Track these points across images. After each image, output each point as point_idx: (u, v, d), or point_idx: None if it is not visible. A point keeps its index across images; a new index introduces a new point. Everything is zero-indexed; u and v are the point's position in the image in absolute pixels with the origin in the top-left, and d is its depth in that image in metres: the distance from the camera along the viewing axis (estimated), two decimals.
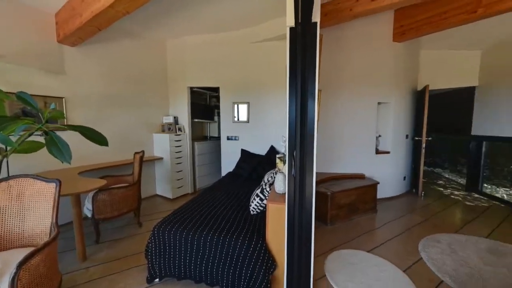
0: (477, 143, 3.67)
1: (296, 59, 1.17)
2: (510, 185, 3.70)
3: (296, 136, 1.20)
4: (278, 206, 1.43)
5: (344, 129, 3.26)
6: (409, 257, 1.92)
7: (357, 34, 3.11)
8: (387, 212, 2.92)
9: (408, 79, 3.50)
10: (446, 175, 5.03)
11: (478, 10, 2.28)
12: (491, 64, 3.35)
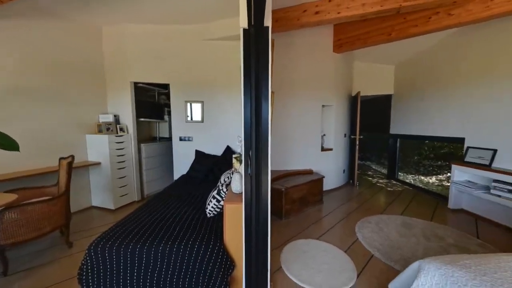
0: (393, 140, 4.56)
1: (250, 61, 1.20)
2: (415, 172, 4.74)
3: (252, 136, 1.23)
4: (235, 206, 1.43)
5: (295, 129, 3.53)
6: (348, 238, 2.23)
7: (304, 42, 3.41)
8: (331, 202, 3.31)
9: (345, 86, 4.06)
10: (374, 167, 6.09)
11: (392, 33, 2.85)
12: (401, 77, 4.22)
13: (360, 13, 2.39)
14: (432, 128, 3.48)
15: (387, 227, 2.43)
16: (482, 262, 1.00)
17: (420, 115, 3.70)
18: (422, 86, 3.65)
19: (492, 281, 0.88)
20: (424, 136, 3.69)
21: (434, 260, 1.07)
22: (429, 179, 4.52)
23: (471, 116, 2.84)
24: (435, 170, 4.52)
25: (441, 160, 4.43)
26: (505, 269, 0.94)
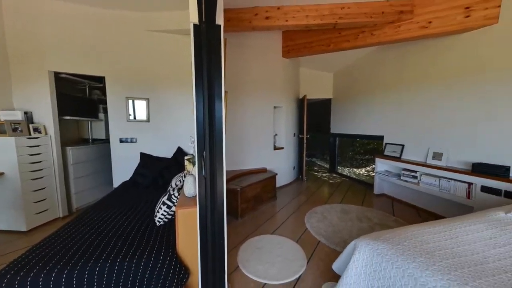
0: (333, 138, 5.22)
1: (201, 58, 1.15)
2: (350, 165, 5.54)
3: (205, 136, 1.19)
4: (188, 210, 1.36)
5: (249, 129, 3.60)
6: (299, 229, 2.43)
7: (257, 45, 3.52)
8: (283, 197, 3.54)
9: (293, 89, 4.40)
10: (318, 163, 6.82)
11: (331, 45, 3.25)
12: (338, 84, 4.87)
13: (304, 23, 2.64)
14: (361, 127, 4.15)
15: (330, 215, 2.77)
16: (396, 234, 1.26)
17: (353, 117, 4.36)
18: (353, 92, 4.30)
19: (404, 249, 1.12)
20: (356, 134, 4.36)
21: (364, 238, 1.28)
22: (360, 170, 5.39)
23: (388, 118, 3.53)
24: (364, 163, 5.43)
25: (368, 155, 5.34)
26: (410, 238, 1.22)
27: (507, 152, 2.15)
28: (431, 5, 2.42)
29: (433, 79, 2.80)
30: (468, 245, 1.14)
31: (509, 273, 0.93)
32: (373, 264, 1.16)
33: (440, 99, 2.73)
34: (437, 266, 0.98)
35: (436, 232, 1.27)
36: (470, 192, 2.31)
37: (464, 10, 2.28)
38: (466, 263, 1.00)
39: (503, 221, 1.42)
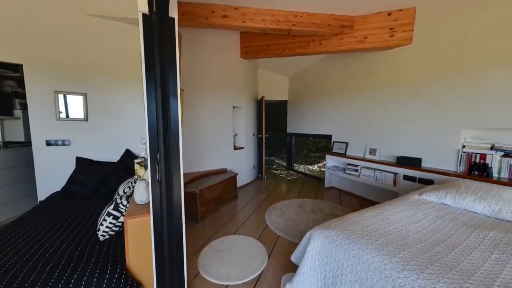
0: (290, 138, 5.56)
1: (153, 52, 1.06)
2: (304, 163, 5.99)
3: (159, 137, 1.10)
4: (140, 219, 1.23)
5: (208, 129, 3.49)
6: (260, 226, 2.50)
7: (215, 42, 3.44)
8: (244, 197, 3.57)
9: (252, 90, 4.49)
10: (277, 161, 7.15)
11: (286, 50, 3.45)
12: (293, 87, 5.21)
13: (262, 26, 2.72)
14: (313, 127, 4.54)
15: (288, 210, 2.94)
16: (343, 222, 1.43)
17: (306, 117, 4.74)
18: (306, 95, 4.68)
19: (349, 233, 1.28)
20: (309, 134, 4.75)
21: (318, 228, 1.41)
22: (313, 167, 5.91)
23: (334, 119, 3.97)
24: (317, 159, 5.97)
25: (319, 152, 5.90)
26: (354, 223, 1.40)
27: (419, 147, 2.70)
28: (366, 23, 2.84)
29: (368, 87, 3.29)
30: (395, 224, 1.39)
31: (423, 242, 1.18)
32: (325, 250, 1.29)
33: (372, 104, 3.23)
34: (374, 245, 1.16)
35: (373, 216, 1.50)
36: (396, 180, 2.81)
37: (389, 30, 2.76)
38: (394, 239, 1.21)
39: (418, 201, 1.78)
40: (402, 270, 0.97)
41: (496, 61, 2.06)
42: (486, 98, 2.14)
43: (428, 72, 2.57)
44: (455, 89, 2.35)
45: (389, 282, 0.96)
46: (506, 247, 1.12)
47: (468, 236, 1.25)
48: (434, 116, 2.54)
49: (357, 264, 1.10)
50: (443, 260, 1.03)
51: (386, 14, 2.74)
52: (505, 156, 2.05)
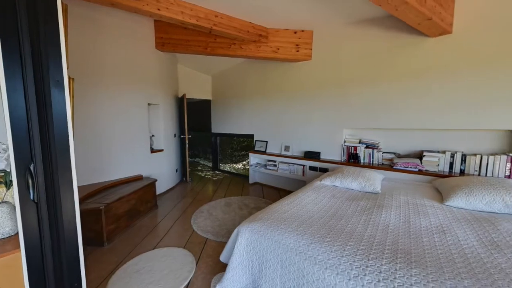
0: (215, 138, 5.52)
1: (16, 20, 0.75)
2: (230, 162, 6.14)
3: (33, 141, 0.80)
4: (3, 260, 0.85)
5: (114, 129, 2.88)
6: (186, 233, 2.34)
7: (122, 27, 2.87)
8: (166, 204, 3.22)
9: (171, 86, 4.10)
10: (202, 162, 6.92)
11: (208, 49, 3.39)
12: (216, 86, 5.20)
13: (180, 19, 2.54)
14: (237, 127, 4.73)
15: (215, 211, 2.92)
16: (265, 213, 1.59)
17: (230, 117, 4.86)
18: (229, 95, 4.80)
19: (271, 222, 1.43)
20: (233, 134, 4.91)
21: (244, 223, 1.49)
22: (238, 165, 6.16)
23: (255, 119, 4.31)
24: (241, 158, 6.26)
25: (244, 151, 6.22)
26: (274, 212, 1.58)
27: (319, 142, 3.39)
28: (278, 36, 3.25)
29: (283, 92, 3.79)
30: (304, 207, 1.68)
31: (323, 218, 1.49)
32: (252, 242, 1.37)
33: (286, 106, 3.76)
34: (290, 228, 1.35)
35: (288, 203, 1.75)
36: (304, 171, 3.40)
37: (296, 46, 3.29)
38: (304, 220, 1.46)
39: (319, 186, 2.23)
40: (310, 243, 1.20)
41: (359, 79, 2.91)
42: (354, 107, 2.98)
43: (322, 84, 3.26)
44: (337, 98, 3.12)
45: (302, 256, 1.15)
46: (369, 211, 1.60)
47: (349, 207, 1.70)
48: (327, 118, 3.27)
49: (278, 248, 1.25)
50: (335, 229, 1.34)
51: (292, 32, 3.24)
52: (366, 148, 2.93)
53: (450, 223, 1.41)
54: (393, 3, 1.77)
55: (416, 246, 1.15)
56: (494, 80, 2.07)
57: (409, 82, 2.52)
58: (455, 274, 0.93)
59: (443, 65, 2.31)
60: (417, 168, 2.43)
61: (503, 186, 1.65)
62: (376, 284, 0.91)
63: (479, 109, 2.16)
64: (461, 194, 1.68)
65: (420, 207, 1.66)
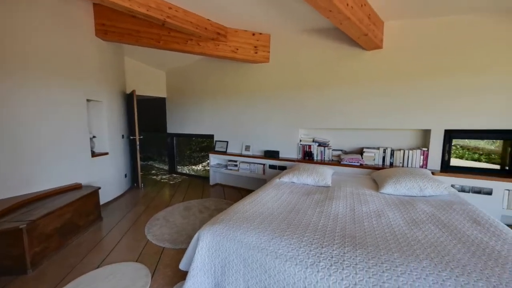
0: (171, 138, 5.16)
1: None
2: (188, 163, 5.84)
3: None
4: None
5: (42, 130, 2.36)
6: (139, 245, 2.11)
7: (48, 4, 2.37)
8: (113, 215, 2.84)
9: (117, 81, 3.63)
10: (157, 165, 6.36)
11: (161, 42, 3.13)
12: (172, 83, 4.85)
13: (127, 6, 2.26)
14: (196, 127, 4.53)
15: (173, 217, 2.73)
16: (227, 214, 1.57)
17: (188, 117, 4.61)
18: (187, 94, 4.55)
19: (233, 222, 1.43)
20: (192, 134, 4.68)
21: (205, 226, 1.44)
22: (198, 167, 5.91)
23: (215, 119, 4.21)
24: (201, 159, 6.02)
25: (203, 152, 6.00)
26: (236, 212, 1.58)
27: (277, 142, 3.55)
28: (237, 36, 3.25)
29: (243, 91, 3.81)
30: (265, 205, 1.74)
31: (283, 213, 1.57)
32: (214, 245, 1.34)
33: (247, 106, 3.80)
34: (252, 226, 1.37)
35: (250, 202, 1.78)
36: (264, 170, 3.51)
37: (254, 48, 3.36)
38: (266, 217, 1.51)
39: (278, 184, 2.34)
40: (271, 239, 1.24)
41: (312, 83, 3.17)
42: (308, 108, 3.24)
43: (280, 86, 3.43)
44: (294, 100, 3.33)
45: (264, 252, 1.18)
46: (322, 203, 1.77)
47: (305, 201, 1.83)
48: (285, 118, 3.45)
49: (241, 247, 1.25)
50: (294, 222, 1.43)
51: (251, 34, 3.30)
52: (319, 146, 3.22)
53: (384, 207, 1.68)
54: (338, 17, 1.99)
55: (359, 230, 1.33)
56: (412, 90, 2.57)
57: (352, 88, 2.89)
58: (388, 249, 1.12)
59: (376, 75, 2.73)
60: (359, 162, 2.81)
61: (418, 174, 2.07)
62: (329, 268, 1.01)
63: (402, 113, 2.64)
64: (391, 183, 2.02)
65: (362, 196, 1.93)
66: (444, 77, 2.40)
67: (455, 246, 1.14)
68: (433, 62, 2.44)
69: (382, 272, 0.96)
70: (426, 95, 2.50)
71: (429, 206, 1.66)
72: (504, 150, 2.40)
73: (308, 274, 1.02)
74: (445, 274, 0.92)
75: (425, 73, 2.48)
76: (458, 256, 1.05)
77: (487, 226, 1.32)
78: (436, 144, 2.52)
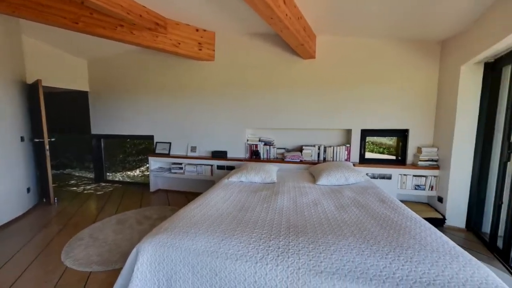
0: (97, 140, 4.32)
1: None
2: (122, 169, 5.07)
3: None
4: None
5: None
6: (52, 275, 1.67)
7: None
8: (10, 242, 2.15)
9: (10, 67, 2.76)
10: (77, 174, 5.21)
11: (80, 24, 2.57)
12: (96, 75, 4.07)
13: None
14: (131, 127, 3.96)
15: (103, 233, 2.30)
16: (172, 221, 1.45)
17: (121, 116, 3.98)
18: (120, 89, 3.92)
19: (179, 230, 1.33)
20: (127, 135, 4.08)
21: (146, 239, 1.28)
22: (134, 172, 5.19)
23: (156, 118, 3.80)
24: (138, 163, 5.31)
25: (141, 155, 5.31)
26: (182, 218, 1.48)
27: (225, 142, 3.52)
28: (179, 30, 3.03)
29: (188, 89, 3.58)
30: (214, 206, 1.70)
31: (232, 213, 1.57)
32: (157, 258, 1.21)
33: (192, 105, 3.60)
34: (201, 231, 1.31)
35: (198, 206, 1.70)
36: (212, 171, 3.42)
37: (198, 44, 3.22)
38: (215, 219, 1.48)
39: (227, 184, 2.33)
40: (221, 240, 1.22)
41: (257, 85, 3.30)
42: (254, 109, 3.36)
43: (226, 85, 3.41)
44: (241, 100, 3.39)
45: (214, 255, 1.15)
46: (269, 199, 1.87)
47: (253, 198, 1.90)
48: (232, 118, 3.45)
49: (189, 255, 1.18)
50: (243, 220, 1.46)
51: (194, 29, 3.14)
52: (265, 145, 3.39)
53: (320, 197, 1.93)
54: (279, 25, 2.15)
55: (301, 220, 1.48)
56: (338, 95, 3.04)
57: (293, 92, 3.18)
58: (323, 233, 1.29)
59: (312, 81, 3.10)
60: (299, 159, 3.12)
61: (344, 167, 2.48)
62: (277, 259, 1.08)
63: (332, 115, 3.09)
64: (324, 176, 2.34)
65: (302, 189, 2.15)
66: (359, 86, 2.96)
67: (370, 222, 1.42)
68: (352, 73, 2.96)
69: (320, 253, 1.10)
70: (348, 100, 3.02)
71: (352, 192, 2.02)
72: (398, 144, 3.17)
73: (258, 268, 1.06)
74: (364, 246, 1.14)
75: (346, 82, 2.99)
76: (372, 230, 1.32)
77: (389, 204, 1.71)
78: (355, 141, 3.07)
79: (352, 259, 1.05)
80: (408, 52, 2.76)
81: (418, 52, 2.73)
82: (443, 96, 2.63)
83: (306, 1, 2.19)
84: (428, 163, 2.71)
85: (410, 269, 0.97)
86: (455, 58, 2.40)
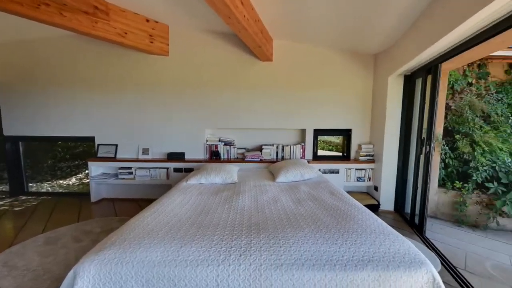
0: (13, 144, 3.47)
1: None
2: (51, 178, 4.22)
3: None
4: None
5: None
6: None
7: None
8: None
9: None
10: None
11: None
12: (9, 62, 3.25)
13: None
14: (63, 128, 3.33)
15: (24, 259, 1.86)
16: (121, 233, 1.28)
17: (48, 113, 3.30)
18: (44, 82, 3.24)
19: (130, 241, 1.18)
20: (56, 136, 3.41)
21: (85, 258, 1.09)
22: (69, 181, 4.36)
23: (97, 118, 3.29)
24: (74, 170, 4.49)
25: (78, 160, 4.50)
26: (134, 228, 1.33)
27: (183, 143, 3.32)
28: (125, 18, 2.69)
29: (137, 86, 3.22)
30: (172, 212, 1.58)
31: (192, 217, 1.50)
32: (102, 278, 1.05)
33: (143, 103, 3.26)
34: (156, 240, 1.20)
35: (152, 213, 1.55)
36: (168, 174, 3.18)
37: (149, 36, 2.93)
38: (173, 225, 1.38)
39: (185, 187, 2.20)
40: (180, 247, 1.15)
41: (216, 84, 3.22)
42: (213, 108, 3.27)
43: (182, 83, 3.22)
44: (198, 99, 3.25)
45: (172, 264, 1.07)
46: (230, 199, 1.86)
47: (214, 200, 1.85)
48: (190, 118, 3.28)
49: (143, 268, 1.07)
50: (204, 224, 1.41)
51: (144, 19, 2.86)
52: (225, 145, 3.35)
53: (279, 194, 2.02)
54: (237, 26, 2.15)
55: (262, 217, 1.52)
56: (294, 97, 3.24)
57: (251, 93, 3.23)
58: (283, 228, 1.36)
59: (269, 83, 3.22)
60: (259, 158, 3.20)
61: (299, 164, 2.66)
62: (239, 258, 1.08)
63: (288, 116, 3.28)
64: (282, 173, 2.47)
65: (262, 187, 2.21)
66: (311, 89, 3.22)
67: (322, 212, 1.57)
68: (305, 77, 3.20)
69: (280, 247, 1.15)
70: (303, 102, 3.26)
71: (307, 187, 2.19)
72: (343, 142, 3.60)
73: (220, 271, 1.04)
74: (318, 235, 1.26)
75: (300, 85, 3.22)
76: (324, 219, 1.46)
77: (338, 195, 1.93)
78: (309, 139, 3.34)
79: (308, 248, 1.14)
80: (350, 61, 3.16)
81: (358, 62, 3.15)
82: (376, 101, 3.11)
83: (263, 5, 2.26)
84: (366, 158, 3.17)
85: (355, 250, 1.11)
86: (384, 69, 2.88)
